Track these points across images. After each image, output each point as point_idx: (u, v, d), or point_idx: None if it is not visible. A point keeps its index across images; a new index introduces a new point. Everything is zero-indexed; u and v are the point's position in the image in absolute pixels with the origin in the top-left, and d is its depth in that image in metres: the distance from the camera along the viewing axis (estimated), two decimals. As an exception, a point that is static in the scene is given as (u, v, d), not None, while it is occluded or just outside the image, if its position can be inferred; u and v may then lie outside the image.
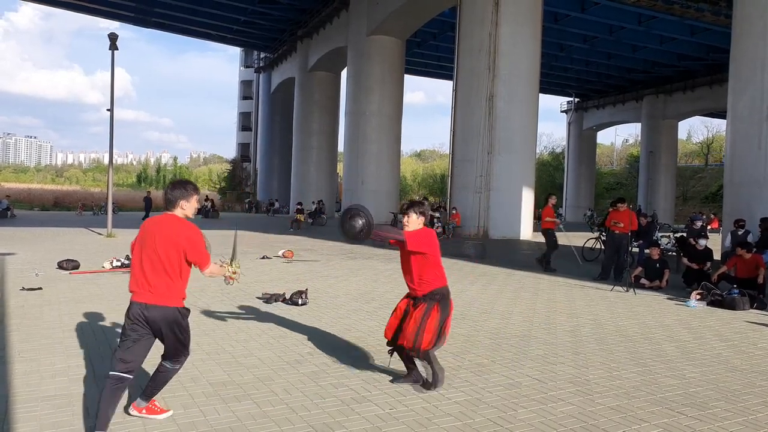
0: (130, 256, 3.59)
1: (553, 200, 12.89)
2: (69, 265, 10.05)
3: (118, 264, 10.27)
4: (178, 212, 3.54)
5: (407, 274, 4.40)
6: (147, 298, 3.42)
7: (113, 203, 20.22)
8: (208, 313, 6.80)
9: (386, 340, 4.50)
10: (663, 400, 4.26)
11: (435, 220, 23.83)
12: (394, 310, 4.49)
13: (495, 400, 4.15)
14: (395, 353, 4.52)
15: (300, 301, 7.51)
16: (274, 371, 4.68)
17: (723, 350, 5.83)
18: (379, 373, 4.70)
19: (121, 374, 3.40)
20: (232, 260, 3.86)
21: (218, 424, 3.59)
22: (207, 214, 34.03)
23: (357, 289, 8.96)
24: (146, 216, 25.77)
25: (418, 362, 4.46)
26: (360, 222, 4.07)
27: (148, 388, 3.64)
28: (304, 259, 12.94)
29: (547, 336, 6.19)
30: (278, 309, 7.24)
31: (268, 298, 7.65)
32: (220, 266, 3.72)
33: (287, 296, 7.71)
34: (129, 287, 3.52)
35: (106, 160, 25.09)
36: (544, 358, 5.31)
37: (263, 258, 12.66)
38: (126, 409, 3.69)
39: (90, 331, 5.84)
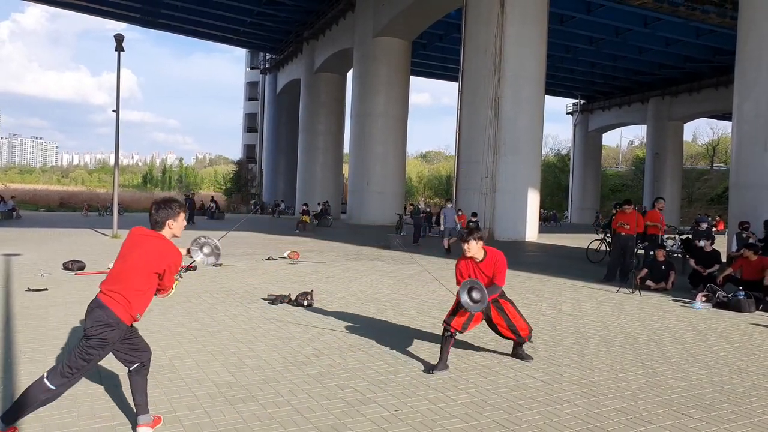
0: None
1: (660, 204, 11.90)
2: (74, 266, 10.09)
3: (124, 265, 10.31)
4: (165, 232, 3.43)
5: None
6: (105, 300, 3.25)
7: (119, 204, 20.31)
8: (213, 315, 6.82)
9: (452, 329, 4.91)
10: (669, 402, 4.24)
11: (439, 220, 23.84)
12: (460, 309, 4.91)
13: (501, 402, 4.14)
14: (445, 340, 4.95)
15: (305, 303, 7.52)
16: (280, 372, 4.69)
17: (729, 352, 5.81)
18: (385, 375, 4.70)
19: (137, 365, 3.48)
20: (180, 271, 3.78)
21: (223, 425, 3.60)
22: (212, 215, 34.13)
23: (362, 290, 8.96)
24: (191, 219, 25.83)
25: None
26: (478, 295, 4.72)
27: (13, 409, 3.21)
28: (309, 260, 12.96)
29: (552, 338, 6.17)
30: (284, 310, 7.25)
31: (274, 300, 7.67)
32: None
33: (293, 297, 7.72)
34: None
35: (112, 161, 25.21)
36: (549, 359, 5.30)
37: (269, 259, 12.69)
38: None
39: (96, 331, 5.85)
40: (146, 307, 3.42)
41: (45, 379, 3.17)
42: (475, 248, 4.96)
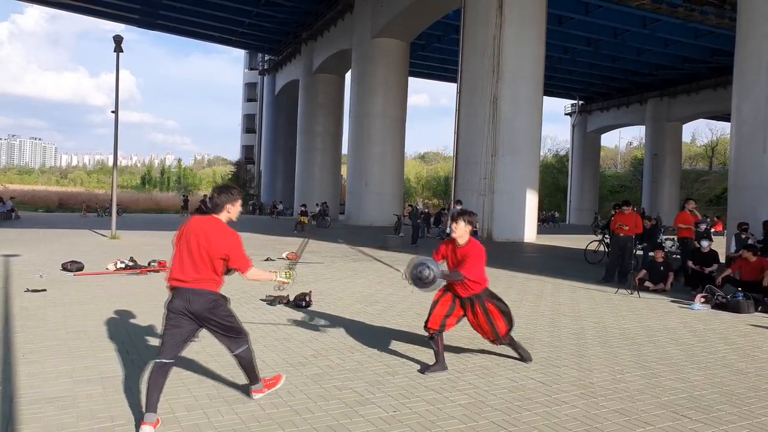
0: (175, 253, 3.68)
1: (691, 205, 11.59)
2: (73, 266, 10.08)
3: (123, 266, 10.30)
4: (223, 216, 3.70)
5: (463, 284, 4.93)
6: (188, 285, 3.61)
7: (118, 205, 20.28)
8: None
9: (431, 331, 4.87)
10: (667, 403, 4.25)
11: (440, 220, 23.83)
12: (437, 303, 4.95)
13: (499, 403, 4.14)
14: (432, 341, 4.92)
15: (304, 303, 7.52)
16: (278, 373, 4.68)
17: (727, 353, 5.81)
18: (383, 376, 4.70)
19: (165, 361, 3.59)
20: (290, 267, 4.29)
21: (222, 426, 3.60)
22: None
23: (361, 291, 8.96)
24: None
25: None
26: (428, 273, 4.67)
27: (247, 375, 3.97)
28: (307, 261, 12.95)
29: (551, 339, 6.18)
30: (282, 311, 7.25)
31: (272, 300, 7.66)
32: (271, 272, 4.05)
33: (291, 298, 7.72)
34: (167, 280, 3.70)
35: (111, 162, 25.18)
36: (548, 360, 5.30)
37: (267, 260, 12.68)
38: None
39: (94, 332, 5.85)
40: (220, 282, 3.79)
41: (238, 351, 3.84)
42: (462, 229, 4.83)
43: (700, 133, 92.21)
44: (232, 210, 3.73)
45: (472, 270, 4.74)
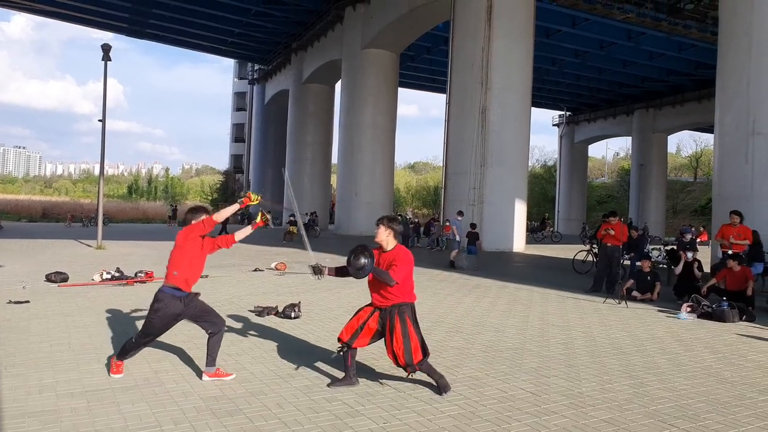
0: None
1: (736, 218, 10.68)
2: (58, 277, 9.96)
3: (108, 276, 10.19)
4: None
5: (374, 290, 4.63)
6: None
7: (103, 215, 20.11)
8: (198, 328, 6.74)
9: (341, 342, 4.61)
10: (655, 412, 4.27)
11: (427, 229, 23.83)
12: (356, 314, 4.72)
13: (489, 414, 4.14)
14: (343, 355, 4.66)
15: (293, 314, 7.48)
16: (267, 385, 4.65)
17: (714, 362, 5.86)
18: (373, 387, 4.68)
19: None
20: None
21: (209, 438, 3.56)
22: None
23: (350, 301, 8.93)
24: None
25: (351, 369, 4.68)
26: (363, 260, 4.41)
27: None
28: (296, 271, 12.90)
29: (540, 349, 6.19)
30: (271, 322, 7.20)
31: (261, 311, 7.61)
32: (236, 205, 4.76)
33: (280, 309, 7.67)
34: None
35: (97, 171, 24.97)
36: (537, 370, 5.31)
37: (255, 270, 12.61)
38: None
39: (79, 344, 5.78)
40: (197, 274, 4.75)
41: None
42: (382, 234, 4.61)
43: (684, 144, 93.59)
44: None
45: (400, 274, 4.42)
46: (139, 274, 10.47)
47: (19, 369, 4.87)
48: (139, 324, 6.74)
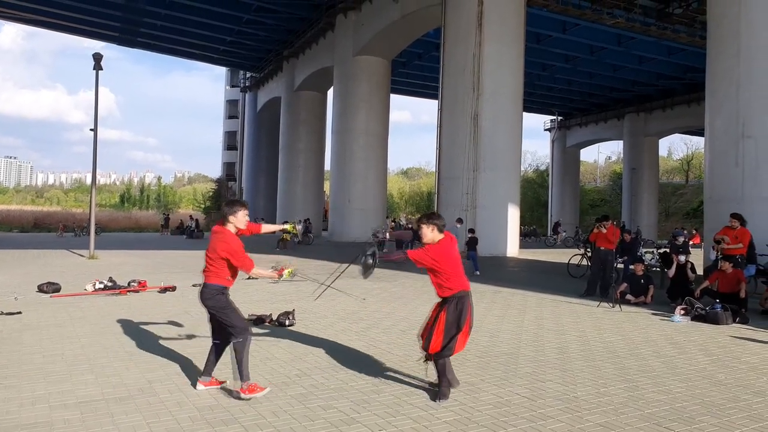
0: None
1: (735, 222, 10.44)
2: (50, 288, 9.88)
3: (101, 286, 10.12)
4: (229, 226, 4.53)
5: (432, 282, 4.72)
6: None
7: (96, 224, 20.00)
8: (192, 335, 6.72)
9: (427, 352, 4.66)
10: (650, 415, 4.28)
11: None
12: (429, 316, 4.76)
13: (485, 419, 4.13)
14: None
15: (287, 322, 7.46)
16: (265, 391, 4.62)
17: (707, 365, 5.88)
18: (368, 395, 4.66)
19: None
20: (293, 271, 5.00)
21: (204, 448, 3.53)
22: (191, 234, 33.75)
23: (344, 308, 8.91)
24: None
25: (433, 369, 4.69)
26: (370, 260, 4.66)
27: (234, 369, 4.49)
28: (290, 279, 12.85)
29: (535, 353, 6.20)
30: (265, 330, 7.17)
31: (255, 319, 7.58)
32: (272, 271, 4.82)
33: (274, 317, 7.65)
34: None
35: (89, 180, 24.87)
36: (532, 375, 5.31)
37: (249, 278, 12.56)
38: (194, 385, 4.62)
39: (72, 355, 5.74)
40: (231, 281, 4.67)
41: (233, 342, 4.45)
42: (426, 234, 4.60)
43: (676, 147, 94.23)
44: (234, 220, 4.52)
45: (418, 257, 4.49)
46: (132, 284, 10.40)
47: (11, 380, 4.83)
48: (135, 335, 6.70)
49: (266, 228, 5.24)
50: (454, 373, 4.68)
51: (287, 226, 5.35)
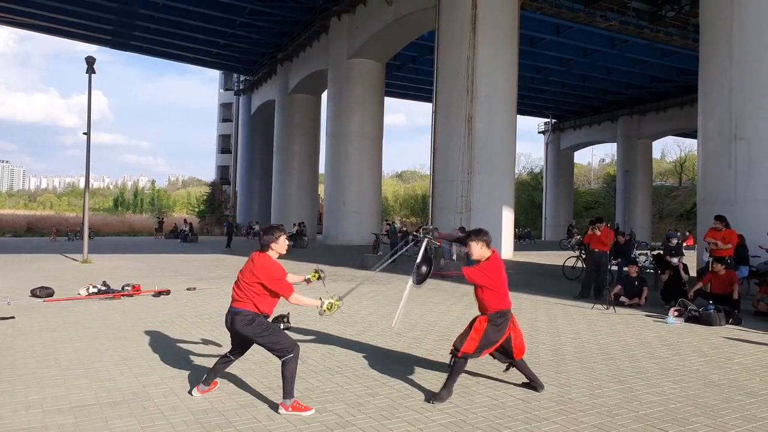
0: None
1: (719, 224, 10.49)
2: (43, 292, 9.84)
3: (95, 291, 10.07)
4: (270, 253, 4.52)
5: (476, 298, 4.90)
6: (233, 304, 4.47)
7: (89, 228, 19.91)
8: (187, 340, 6.70)
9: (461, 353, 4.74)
10: (645, 417, 4.29)
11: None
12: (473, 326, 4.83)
13: (480, 421, 4.14)
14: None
15: (282, 326, 7.43)
16: (256, 398, 4.63)
17: (701, 366, 5.91)
18: (364, 397, 4.66)
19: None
20: (335, 298, 4.74)
21: (199, 453, 3.52)
22: (185, 238, 33.63)
23: (339, 312, 8.88)
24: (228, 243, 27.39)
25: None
26: (424, 269, 4.89)
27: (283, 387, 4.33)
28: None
29: (529, 355, 6.19)
30: (259, 333, 7.15)
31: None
32: (317, 299, 4.64)
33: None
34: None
35: (82, 184, 24.76)
36: (527, 377, 5.32)
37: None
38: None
39: (65, 360, 5.71)
40: (271, 307, 4.62)
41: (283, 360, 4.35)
42: (476, 251, 4.81)
43: (669, 149, 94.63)
44: (276, 247, 4.52)
45: (473, 275, 4.74)
46: (126, 288, 10.36)
47: (4, 386, 4.80)
48: (129, 339, 6.67)
49: (293, 278, 4.90)
50: (534, 374, 5.01)
51: (310, 276, 5.00)
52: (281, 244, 4.55)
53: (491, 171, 21.21)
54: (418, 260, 4.96)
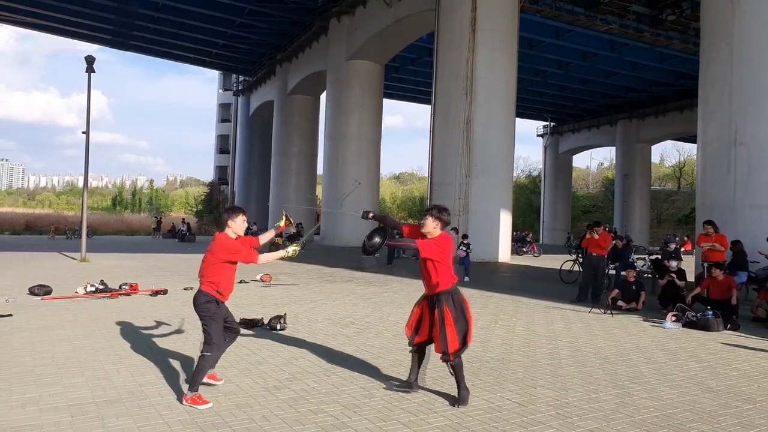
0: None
1: (709, 228, 10.77)
2: (41, 290, 9.81)
3: (92, 289, 10.05)
4: (228, 231, 4.61)
5: (423, 277, 4.74)
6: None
7: (87, 227, 19.87)
8: (184, 340, 6.69)
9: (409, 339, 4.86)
10: (641, 422, 4.29)
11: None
12: (412, 312, 4.86)
13: (476, 425, 4.13)
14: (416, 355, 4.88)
15: (278, 326, 7.43)
16: (253, 398, 4.61)
17: (698, 371, 5.91)
18: (360, 399, 4.65)
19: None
20: (298, 244, 4.95)
21: (195, 453, 3.51)
22: (183, 237, 33.60)
23: (336, 313, 8.90)
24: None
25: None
26: (377, 239, 4.80)
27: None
28: (282, 283, 12.85)
29: (526, 359, 6.20)
30: (256, 334, 7.15)
31: (247, 323, 7.55)
32: (282, 252, 4.75)
33: (265, 321, 7.62)
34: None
35: (81, 183, 24.73)
36: (523, 381, 5.32)
37: (241, 282, 12.52)
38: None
39: (62, 358, 5.69)
40: (228, 286, 4.67)
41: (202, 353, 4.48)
42: (429, 225, 4.63)
43: (668, 154, 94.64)
44: (233, 225, 4.59)
45: (428, 248, 4.53)
46: (124, 287, 10.34)
47: (1, 383, 4.78)
48: (126, 338, 6.66)
49: (264, 238, 5.18)
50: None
51: (280, 222, 5.11)
52: (239, 224, 4.62)
53: (489, 174, 21.22)
54: (371, 231, 4.94)
